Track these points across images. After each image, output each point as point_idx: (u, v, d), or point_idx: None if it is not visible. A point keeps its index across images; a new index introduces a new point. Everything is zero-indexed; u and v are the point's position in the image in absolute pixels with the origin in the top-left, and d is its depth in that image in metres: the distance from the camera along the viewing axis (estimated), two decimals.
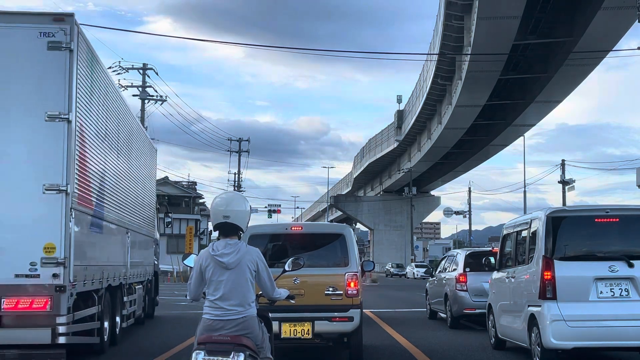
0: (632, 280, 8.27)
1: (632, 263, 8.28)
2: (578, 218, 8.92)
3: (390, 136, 66.27)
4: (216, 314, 4.77)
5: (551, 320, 8.18)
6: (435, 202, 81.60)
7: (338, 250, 9.12)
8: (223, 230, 4.89)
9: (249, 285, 4.83)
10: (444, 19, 35.35)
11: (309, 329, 8.52)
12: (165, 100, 44.95)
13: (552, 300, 8.26)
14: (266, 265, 4.99)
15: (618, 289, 8.29)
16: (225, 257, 4.78)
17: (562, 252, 8.50)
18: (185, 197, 65.52)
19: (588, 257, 8.59)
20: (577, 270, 8.41)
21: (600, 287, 8.28)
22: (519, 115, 44.31)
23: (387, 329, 13.71)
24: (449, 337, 12.31)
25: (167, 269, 51.00)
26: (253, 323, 4.80)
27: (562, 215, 8.84)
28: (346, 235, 9.14)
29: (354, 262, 8.92)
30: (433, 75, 43.55)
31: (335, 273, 8.83)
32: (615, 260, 8.34)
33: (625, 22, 29.55)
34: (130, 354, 10.40)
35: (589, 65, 35.46)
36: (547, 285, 8.33)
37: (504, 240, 10.73)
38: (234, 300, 4.75)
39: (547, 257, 8.43)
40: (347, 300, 8.67)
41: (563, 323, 8.14)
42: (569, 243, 8.67)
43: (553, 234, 8.53)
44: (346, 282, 8.70)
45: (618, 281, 8.30)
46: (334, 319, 8.60)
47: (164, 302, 23.30)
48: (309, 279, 8.59)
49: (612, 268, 8.31)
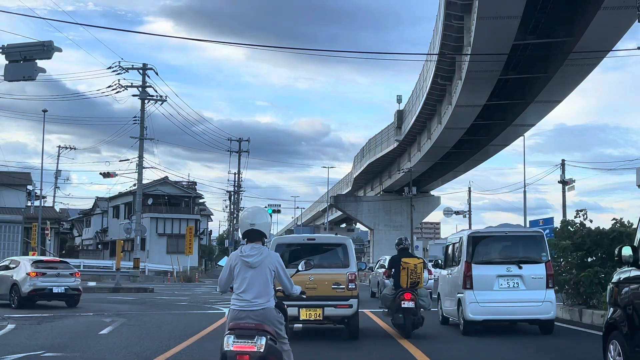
0: (521, 277, 12.68)
1: (521, 266, 12.69)
2: (487, 236, 13.42)
3: (390, 136, 66.22)
4: (240, 305, 5.78)
5: (469, 302, 12.55)
6: (435, 202, 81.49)
7: (341, 255, 12.14)
8: (250, 237, 5.97)
9: (269, 282, 5.86)
10: (443, 18, 35.32)
11: (320, 313, 11.62)
12: (165, 100, 44.96)
13: (470, 289, 12.62)
14: (284, 268, 6.06)
15: (512, 282, 12.70)
16: (250, 257, 5.84)
17: (477, 258, 12.83)
18: (185, 197, 65.45)
19: (493, 262, 12.91)
20: (485, 270, 12.72)
21: (500, 281, 12.69)
22: (518, 115, 44.27)
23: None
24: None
25: (167, 269, 50.99)
26: (271, 313, 5.80)
27: (477, 235, 13.33)
28: (347, 244, 12.30)
29: (353, 264, 12.00)
30: (433, 75, 43.51)
31: (339, 273, 11.82)
32: (510, 264, 12.74)
33: (625, 22, 29.52)
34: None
35: (589, 65, 35.42)
36: (467, 280, 12.69)
37: (446, 249, 15.00)
38: (255, 294, 5.77)
39: (468, 262, 12.78)
40: (348, 293, 11.74)
41: (477, 304, 12.54)
42: (481, 253, 12.97)
43: (472, 247, 12.88)
44: (347, 279, 11.75)
45: (512, 277, 12.69)
46: (338, 306, 11.68)
47: (164, 302, 23.31)
48: (320, 277, 11.45)
49: (508, 269, 12.68)
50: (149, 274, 49.62)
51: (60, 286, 20.22)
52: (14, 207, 49.86)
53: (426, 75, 47.49)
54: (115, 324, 14.75)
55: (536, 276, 12.70)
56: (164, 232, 61.90)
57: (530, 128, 50.28)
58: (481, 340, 12.20)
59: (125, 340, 12.03)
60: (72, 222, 77.66)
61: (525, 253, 13.07)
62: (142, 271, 46.83)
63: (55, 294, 20.24)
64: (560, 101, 42.27)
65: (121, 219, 61.01)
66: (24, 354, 10.04)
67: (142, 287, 33.92)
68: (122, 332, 13.45)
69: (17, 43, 14.35)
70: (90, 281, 39.68)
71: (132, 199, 54.14)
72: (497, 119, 46.61)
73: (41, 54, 13.89)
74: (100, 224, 70.29)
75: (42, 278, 20.05)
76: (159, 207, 61.13)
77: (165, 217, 61.83)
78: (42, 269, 20.38)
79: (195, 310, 19.74)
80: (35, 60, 13.97)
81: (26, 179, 54.29)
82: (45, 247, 49.34)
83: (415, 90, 55.57)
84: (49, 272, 20.28)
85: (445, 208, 78.80)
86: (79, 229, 78.09)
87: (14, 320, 15.66)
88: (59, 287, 20.18)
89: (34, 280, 19.91)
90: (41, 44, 13.87)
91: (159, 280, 47.85)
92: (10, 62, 14.04)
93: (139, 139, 44.49)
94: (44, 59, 13.99)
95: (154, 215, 60.45)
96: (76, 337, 12.37)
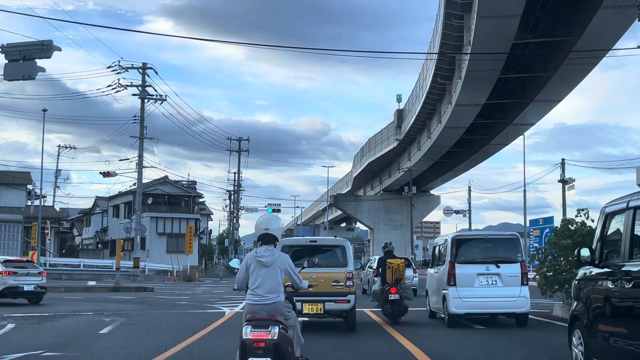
0: (499, 275, 14.09)
1: (499, 265, 14.12)
2: (469, 239, 15.16)
3: (390, 135, 66.16)
4: (255, 299, 6.60)
5: (453, 298, 13.95)
6: (435, 201, 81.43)
7: (340, 256, 13.42)
8: (264, 239, 6.83)
9: (279, 280, 6.70)
10: (443, 17, 35.27)
11: (321, 307, 12.91)
12: (165, 99, 44.95)
13: (454, 286, 14.00)
14: (293, 267, 6.95)
15: (490, 279, 14.11)
16: (264, 258, 6.69)
17: (460, 258, 14.24)
18: (185, 197, 65.39)
19: (474, 261, 14.32)
20: (467, 269, 14.11)
21: (480, 278, 14.09)
22: (518, 114, 44.21)
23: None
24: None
25: (167, 268, 50.95)
26: (281, 306, 6.66)
27: (460, 237, 14.86)
28: (346, 246, 13.66)
29: (351, 264, 13.35)
30: (433, 75, 43.45)
31: (338, 271, 13.13)
32: (489, 264, 14.16)
33: (625, 21, 29.49)
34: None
35: (589, 64, 35.37)
36: (450, 277, 14.08)
37: (433, 249, 16.53)
38: (267, 290, 6.60)
39: (452, 261, 14.18)
40: (346, 289, 13.07)
41: (459, 299, 13.93)
42: (464, 253, 14.38)
43: (455, 248, 14.29)
44: (345, 277, 13.08)
45: (490, 275, 14.11)
46: (337, 301, 12.99)
47: (164, 301, 23.30)
48: (321, 275, 12.72)
49: (488, 268, 14.12)
50: (149, 273, 49.59)
51: (30, 284, 21.25)
52: (14, 207, 49.85)
53: (426, 75, 47.45)
54: (115, 324, 14.74)
55: (512, 274, 14.17)
56: (164, 231, 61.87)
57: (530, 127, 50.24)
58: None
59: (125, 339, 12.02)
60: (72, 222, 77.65)
61: (503, 254, 14.49)
62: (142, 270, 46.81)
63: (25, 291, 21.21)
64: (560, 100, 42.22)
65: (121, 218, 60.97)
66: (23, 354, 10.02)
67: (142, 287, 33.90)
68: (122, 331, 13.44)
69: (16, 42, 14.31)
70: (90, 280, 39.69)
71: (132, 198, 54.13)
72: (497, 118, 46.56)
73: (41, 53, 13.87)
74: (100, 223, 70.25)
75: (14, 277, 20.98)
76: (158, 207, 61.09)
77: (165, 217, 61.81)
78: (13, 268, 21.28)
79: (195, 309, 19.73)
80: (34, 59, 13.94)
81: (26, 179, 54.28)
82: (45, 246, 49.31)
83: (415, 90, 55.51)
84: (20, 272, 21.21)
85: (445, 207, 78.80)
86: (79, 229, 78.06)
87: (13, 319, 15.65)
88: (29, 286, 21.23)
89: (6, 279, 20.87)
90: (41, 44, 13.84)
91: (159, 279, 47.83)
92: (10, 61, 14.01)
93: (139, 138, 44.47)
94: (43, 58, 13.96)
95: (154, 214, 60.42)
96: (76, 337, 12.36)
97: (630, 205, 7.09)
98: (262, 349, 6.17)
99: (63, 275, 41.63)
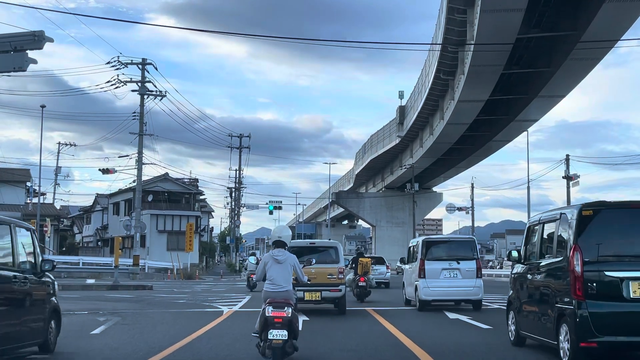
0: (459, 270, 17.73)
1: (459, 261, 17.81)
2: (435, 241, 19.13)
3: (392, 132, 65.79)
4: (272, 288, 8.68)
5: (422, 287, 17.63)
6: (438, 198, 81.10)
7: (333, 255, 17.07)
8: (277, 244, 9.03)
9: (289, 274, 8.83)
10: (446, 12, 34.84)
11: (319, 295, 16.44)
12: (164, 95, 44.46)
13: (423, 278, 17.66)
14: (299, 265, 9.13)
15: (452, 273, 17.79)
16: (279, 257, 8.84)
17: (428, 256, 17.91)
18: (185, 194, 65.04)
19: (439, 258, 17.97)
20: (434, 264, 17.80)
21: (444, 272, 17.77)
22: (522, 110, 43.82)
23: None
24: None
25: (167, 266, 50.61)
26: (291, 294, 8.75)
27: (429, 240, 18.76)
28: (338, 247, 17.46)
29: (342, 260, 17.15)
30: (435, 70, 43.05)
31: (332, 267, 16.70)
32: (451, 260, 17.89)
33: (629, 15, 29.09)
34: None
35: (593, 59, 34.98)
36: (421, 272, 17.70)
37: (409, 249, 20.21)
38: (281, 281, 8.71)
39: (422, 259, 17.87)
40: (338, 281, 16.65)
41: (428, 289, 17.60)
42: (431, 252, 18.06)
43: (425, 248, 18.06)
44: (338, 271, 16.68)
45: (452, 270, 17.79)
46: (332, 290, 16.54)
47: (162, 300, 22.92)
48: (319, 269, 15.84)
49: (450, 264, 17.83)
50: (148, 271, 49.21)
51: None
52: (12, 204, 49.53)
53: (428, 71, 47.02)
54: (108, 323, 14.36)
55: (470, 269, 17.80)
56: (164, 228, 61.56)
57: (534, 123, 49.87)
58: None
59: (117, 340, 11.61)
60: (73, 219, 77.35)
61: (463, 253, 18.15)
62: (141, 268, 46.43)
63: None
64: (564, 96, 41.81)
65: (121, 215, 60.62)
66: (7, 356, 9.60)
67: (141, 285, 33.47)
68: (115, 331, 13.04)
69: (6, 33, 13.85)
70: (89, 278, 39.31)
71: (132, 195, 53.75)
72: (500, 114, 46.17)
73: (32, 44, 13.38)
74: (101, 220, 69.94)
75: None
76: (159, 204, 60.77)
77: (165, 214, 61.52)
78: None
79: (193, 308, 19.34)
80: (26, 50, 13.46)
81: (25, 176, 53.95)
82: (44, 244, 48.94)
83: (417, 86, 55.10)
84: None
85: (448, 204, 78.44)
86: (79, 226, 77.78)
87: None
88: None
89: None
90: (32, 34, 13.37)
91: (158, 277, 47.47)
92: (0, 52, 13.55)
93: (139, 134, 44.03)
94: (35, 49, 13.48)
95: (154, 212, 60.11)
96: (67, 337, 11.91)
97: (541, 220, 9.84)
98: (280, 324, 8.26)
99: (62, 273, 41.19)
